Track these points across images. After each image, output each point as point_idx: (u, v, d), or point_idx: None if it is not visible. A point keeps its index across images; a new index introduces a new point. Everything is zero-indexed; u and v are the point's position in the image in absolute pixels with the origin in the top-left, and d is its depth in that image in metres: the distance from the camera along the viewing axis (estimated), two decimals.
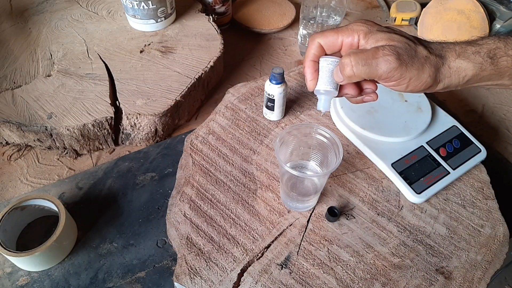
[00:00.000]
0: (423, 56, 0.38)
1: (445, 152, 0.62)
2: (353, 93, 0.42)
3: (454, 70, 0.38)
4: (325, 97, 0.43)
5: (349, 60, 0.38)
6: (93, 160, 0.71)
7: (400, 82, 0.38)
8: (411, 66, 0.37)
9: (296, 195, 0.56)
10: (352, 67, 0.37)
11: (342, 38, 0.40)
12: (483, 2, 0.88)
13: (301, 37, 0.91)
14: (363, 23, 0.40)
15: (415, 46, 0.38)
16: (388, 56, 0.36)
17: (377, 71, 0.37)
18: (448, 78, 0.39)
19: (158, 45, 0.83)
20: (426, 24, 0.96)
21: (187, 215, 0.56)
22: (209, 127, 0.68)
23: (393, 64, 0.36)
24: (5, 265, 0.54)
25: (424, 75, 0.37)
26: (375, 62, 0.37)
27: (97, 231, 0.58)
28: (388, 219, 0.57)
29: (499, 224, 0.57)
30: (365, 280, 0.50)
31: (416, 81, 0.38)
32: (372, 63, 0.37)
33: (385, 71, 0.37)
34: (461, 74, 0.38)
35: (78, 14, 0.91)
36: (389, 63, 0.36)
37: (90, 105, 0.69)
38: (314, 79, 0.42)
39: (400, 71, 0.37)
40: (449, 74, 0.38)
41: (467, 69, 0.38)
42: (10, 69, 0.77)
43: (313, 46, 0.41)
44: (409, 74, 0.37)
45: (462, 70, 0.38)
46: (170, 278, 0.53)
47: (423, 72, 0.37)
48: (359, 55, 0.38)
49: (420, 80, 0.38)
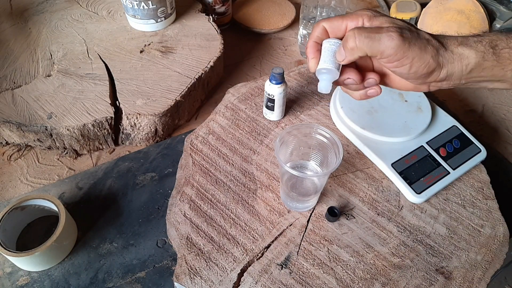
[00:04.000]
0: (425, 38, 0.38)
1: (445, 152, 0.62)
2: (354, 78, 0.41)
3: (457, 56, 0.38)
4: (327, 77, 0.42)
5: (353, 32, 0.38)
6: (93, 160, 0.71)
7: (403, 61, 0.38)
8: (414, 45, 0.37)
9: (296, 195, 0.56)
10: (355, 39, 0.38)
11: (347, 22, 0.41)
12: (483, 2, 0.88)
13: (301, 37, 0.91)
14: (368, 9, 0.41)
15: (416, 30, 0.39)
16: (392, 33, 0.37)
17: (380, 45, 0.37)
18: (451, 64, 0.39)
19: (158, 45, 0.83)
20: (426, 24, 0.96)
21: (187, 215, 0.56)
22: (209, 127, 0.68)
23: (395, 40, 0.37)
24: (5, 265, 0.54)
25: (426, 55, 0.38)
26: (378, 36, 0.37)
27: (97, 231, 0.58)
28: (388, 219, 0.57)
29: (499, 224, 0.57)
30: (365, 280, 0.50)
31: (419, 61, 0.38)
32: (375, 36, 0.37)
33: (388, 46, 0.37)
34: (464, 61, 0.39)
35: (78, 14, 0.91)
36: (392, 38, 0.37)
37: (90, 105, 0.69)
38: (316, 57, 0.42)
39: (403, 48, 0.37)
40: (452, 59, 0.39)
41: (470, 57, 0.38)
42: (10, 69, 0.77)
43: (318, 29, 0.42)
44: (412, 54, 0.37)
45: (464, 58, 0.38)
46: (170, 278, 0.53)
47: (425, 52, 0.38)
48: (363, 29, 0.39)
49: (423, 60, 0.38)
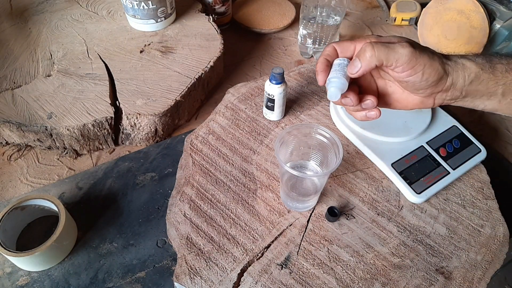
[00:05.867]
0: (430, 50, 0.42)
1: (445, 152, 0.62)
2: (352, 98, 0.43)
3: (460, 66, 0.42)
4: (336, 85, 0.42)
5: (370, 43, 0.41)
6: (93, 160, 0.71)
7: (417, 68, 0.40)
8: (423, 53, 0.40)
9: (296, 195, 0.56)
10: (372, 47, 0.40)
11: (355, 44, 0.44)
12: (483, 2, 0.87)
13: (301, 37, 0.91)
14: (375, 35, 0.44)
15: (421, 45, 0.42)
16: (403, 43, 0.40)
17: (395, 53, 0.40)
18: (455, 72, 0.42)
19: (158, 45, 0.83)
20: (426, 24, 0.96)
21: (187, 215, 0.56)
22: (209, 127, 0.68)
23: (407, 48, 0.40)
24: (5, 265, 0.54)
25: (435, 62, 0.41)
26: (393, 45, 0.40)
27: (97, 231, 0.58)
28: (388, 219, 0.57)
29: (499, 224, 0.57)
30: (365, 280, 0.50)
31: (430, 68, 0.40)
32: (390, 46, 0.40)
33: (402, 53, 0.40)
34: (466, 71, 0.42)
35: (78, 14, 0.91)
36: (404, 47, 0.40)
37: (90, 105, 0.69)
38: (325, 72, 0.44)
39: (415, 55, 0.40)
40: (456, 68, 0.42)
41: (471, 68, 0.42)
42: (10, 69, 0.77)
43: (329, 48, 0.45)
44: (423, 60, 0.40)
45: (467, 68, 0.42)
46: (170, 278, 0.53)
47: (433, 60, 0.41)
48: (378, 39, 0.42)
49: (433, 67, 0.41)
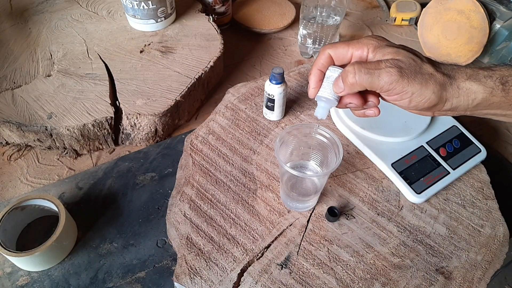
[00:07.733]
0: (428, 73, 0.38)
1: (445, 152, 0.62)
2: (356, 103, 0.42)
3: (464, 91, 0.38)
4: (324, 105, 0.43)
5: (352, 68, 0.38)
6: (93, 160, 0.71)
7: (403, 96, 0.38)
8: (413, 81, 0.37)
9: (296, 195, 0.56)
10: (355, 74, 0.38)
11: (352, 51, 0.41)
12: (483, 2, 0.88)
13: (301, 37, 0.91)
14: (374, 38, 0.41)
15: (421, 63, 0.38)
16: (390, 68, 0.37)
17: (379, 81, 0.37)
18: (456, 98, 0.38)
19: (158, 45, 0.83)
20: (426, 24, 0.96)
21: (187, 215, 0.56)
22: (209, 127, 0.68)
23: (394, 76, 0.37)
24: (5, 265, 0.54)
25: (427, 91, 0.37)
26: (378, 72, 0.37)
27: (97, 231, 0.58)
28: (388, 219, 0.57)
29: (499, 224, 0.57)
30: (365, 280, 0.50)
31: (419, 97, 0.38)
32: (374, 72, 0.37)
33: (387, 81, 0.37)
34: (471, 96, 0.38)
35: (78, 14, 0.91)
36: (390, 74, 0.37)
37: (90, 105, 0.69)
38: (316, 87, 0.42)
39: (402, 83, 0.37)
40: (458, 94, 0.38)
41: (477, 92, 0.38)
42: (10, 69, 0.76)
43: (323, 56, 0.42)
44: (411, 89, 0.37)
45: (472, 93, 0.38)
46: (170, 278, 0.53)
47: (426, 88, 0.37)
48: (362, 64, 0.38)
49: (423, 96, 0.38)
